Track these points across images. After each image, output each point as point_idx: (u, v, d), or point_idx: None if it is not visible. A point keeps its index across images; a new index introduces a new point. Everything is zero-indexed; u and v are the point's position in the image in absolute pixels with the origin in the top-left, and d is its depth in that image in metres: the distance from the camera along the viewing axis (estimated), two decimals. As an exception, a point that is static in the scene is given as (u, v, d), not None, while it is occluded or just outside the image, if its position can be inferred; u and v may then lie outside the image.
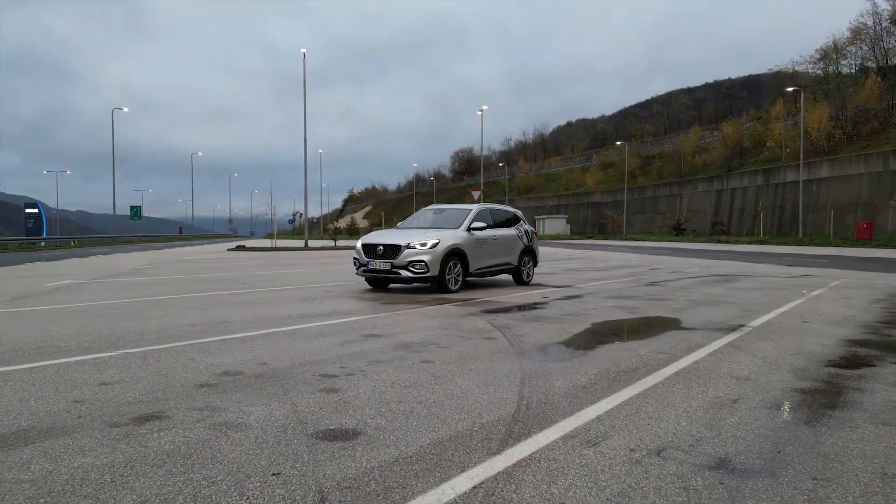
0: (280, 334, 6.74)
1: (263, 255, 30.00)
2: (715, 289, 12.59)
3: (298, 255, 30.27)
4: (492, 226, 12.60)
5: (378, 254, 11.19)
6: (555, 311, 8.84)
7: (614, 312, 8.79)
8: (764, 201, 57.04)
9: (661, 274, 16.98)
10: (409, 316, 8.23)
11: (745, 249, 38.49)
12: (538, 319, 8.03)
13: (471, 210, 12.40)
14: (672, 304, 9.83)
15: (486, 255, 12.19)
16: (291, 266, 20.22)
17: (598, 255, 29.81)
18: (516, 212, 13.89)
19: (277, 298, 10.29)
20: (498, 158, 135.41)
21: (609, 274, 16.86)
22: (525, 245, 13.45)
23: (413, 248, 10.93)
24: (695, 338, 6.75)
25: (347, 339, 6.49)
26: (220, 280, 14.05)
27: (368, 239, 11.65)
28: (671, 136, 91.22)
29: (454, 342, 6.34)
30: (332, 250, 36.39)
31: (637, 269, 18.76)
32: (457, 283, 11.42)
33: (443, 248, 11.08)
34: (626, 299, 10.52)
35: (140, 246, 50.26)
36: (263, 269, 18.61)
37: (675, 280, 14.87)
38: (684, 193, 69.86)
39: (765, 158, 64.60)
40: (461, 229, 11.78)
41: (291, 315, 8.21)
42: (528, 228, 13.77)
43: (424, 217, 13.18)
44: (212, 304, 9.35)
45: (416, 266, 10.86)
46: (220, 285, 12.59)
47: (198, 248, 44.58)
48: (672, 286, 13.13)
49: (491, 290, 12.14)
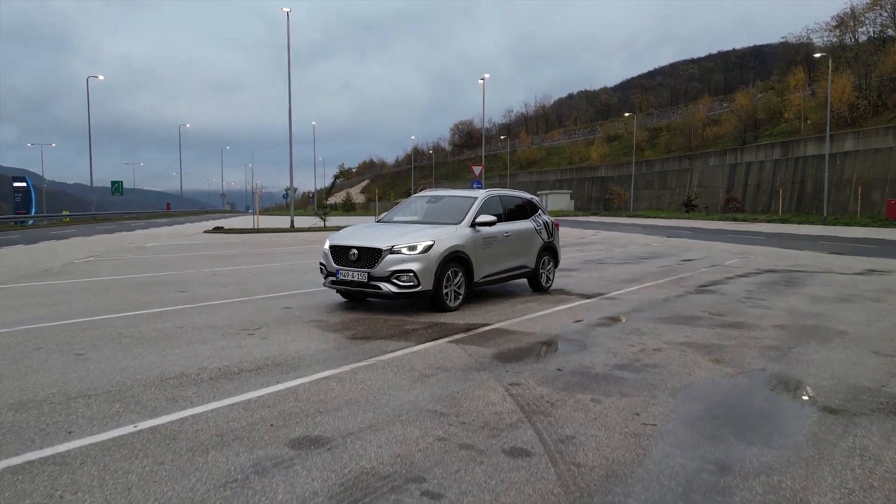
0: (132, 447, 3.84)
1: (240, 239, 27.07)
2: (790, 299, 9.68)
3: (280, 238, 27.31)
4: (502, 218, 9.66)
5: (351, 259, 8.26)
6: (602, 357, 5.95)
7: (691, 360, 5.90)
8: (782, 176, 53.87)
9: (701, 269, 14.06)
10: (382, 376, 5.33)
11: (768, 230, 35.54)
12: (585, 382, 5.14)
13: (475, 198, 9.43)
14: (760, 338, 6.93)
15: (496, 257, 9.27)
16: (262, 257, 17.28)
17: (612, 238, 26.86)
18: (532, 198, 10.92)
19: (208, 325, 7.39)
20: (499, 131, 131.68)
21: (640, 270, 13.94)
22: (545, 242, 10.52)
23: (398, 254, 8.00)
24: (873, 446, 3.86)
25: (254, 461, 3.59)
26: (155, 285, 11.14)
27: (339, 239, 8.69)
28: (679, 107, 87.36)
29: (453, 472, 3.45)
30: (321, 231, 33.44)
31: (668, 262, 15.84)
32: (457, 299, 8.52)
33: (438, 253, 8.15)
34: (690, 325, 7.62)
35: (117, 225, 47.35)
36: (226, 263, 15.67)
37: (727, 281, 11.96)
38: (695, 168, 66.57)
39: (782, 131, 61.20)
40: (463, 224, 8.83)
41: (201, 374, 5.30)
42: (547, 219, 10.81)
43: (416, 206, 10.20)
44: (104, 342, 6.45)
45: (401, 278, 7.95)
46: (149, 297, 9.68)
47: (175, 228, 41.67)
48: (731, 294, 10.22)
49: (500, 303, 9.24)
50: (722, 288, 11.20)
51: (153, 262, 15.57)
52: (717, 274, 13.55)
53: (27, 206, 64.50)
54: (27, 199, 64.29)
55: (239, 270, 13.62)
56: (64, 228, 40.18)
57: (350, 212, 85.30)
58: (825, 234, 30.44)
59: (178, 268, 14.04)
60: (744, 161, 59.58)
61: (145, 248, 20.27)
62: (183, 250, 19.64)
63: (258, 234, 30.75)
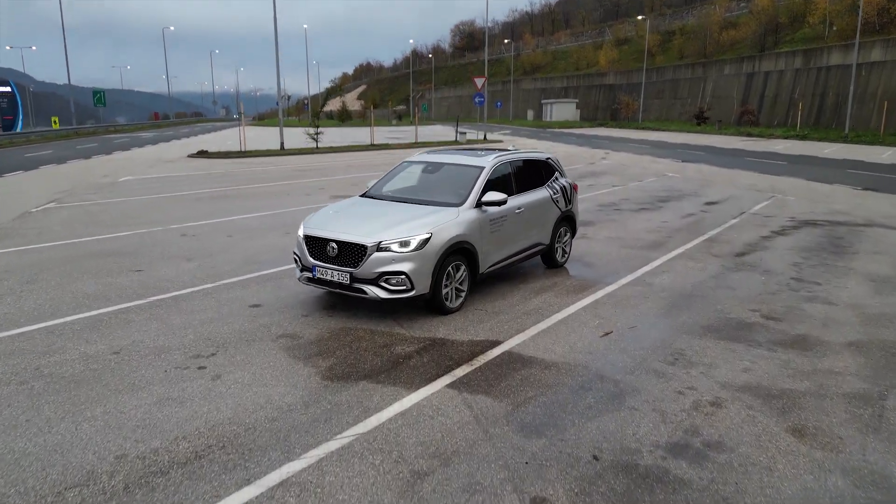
0: None
1: (223, 168, 25.27)
2: (849, 284, 8.23)
3: (267, 167, 25.48)
4: (513, 189, 8.03)
5: (330, 255, 6.72)
6: (648, 425, 4.57)
7: (763, 430, 4.53)
8: (802, 88, 50.85)
9: (730, 220, 12.49)
10: (360, 481, 3.98)
11: (787, 149, 33.54)
12: (630, 491, 3.78)
13: (481, 168, 7.73)
14: (838, 371, 5.54)
15: (505, 239, 7.73)
16: (242, 201, 15.69)
17: (623, 165, 25.02)
18: (548, 157, 9.20)
19: (153, 348, 5.98)
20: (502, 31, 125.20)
21: (663, 224, 12.38)
22: (562, 212, 8.93)
23: (387, 251, 6.46)
24: None
25: None
26: (109, 260, 9.70)
27: (315, 227, 7.06)
28: (694, 7, 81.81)
29: None
30: (313, 155, 31.47)
31: (690, 206, 14.24)
32: (458, 297, 7.07)
33: (436, 247, 6.62)
34: (746, 346, 6.22)
35: (99, 142, 45.22)
36: (201, 211, 14.11)
37: (765, 245, 10.46)
38: (709, 76, 63.08)
39: (804, 37, 57.34)
40: (466, 206, 7.22)
41: (115, 476, 3.94)
42: (565, 183, 9.16)
43: (407, 176, 8.48)
44: None
45: (391, 281, 6.46)
46: (95, 285, 8.24)
47: (159, 148, 39.65)
48: (777, 272, 8.76)
49: (509, 294, 7.81)
50: (763, 258, 9.73)
51: (118, 211, 13.98)
52: (751, 230, 12.03)
53: (13, 112, 61.41)
54: (12, 104, 61.16)
55: (213, 227, 12.08)
56: (41, 147, 38.15)
57: (346, 122, 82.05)
58: (850, 158, 28.56)
59: (144, 222, 12.49)
60: (761, 70, 56.24)
61: (116, 186, 18.57)
62: (157, 188, 17.97)
63: (244, 158, 28.84)
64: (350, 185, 18.67)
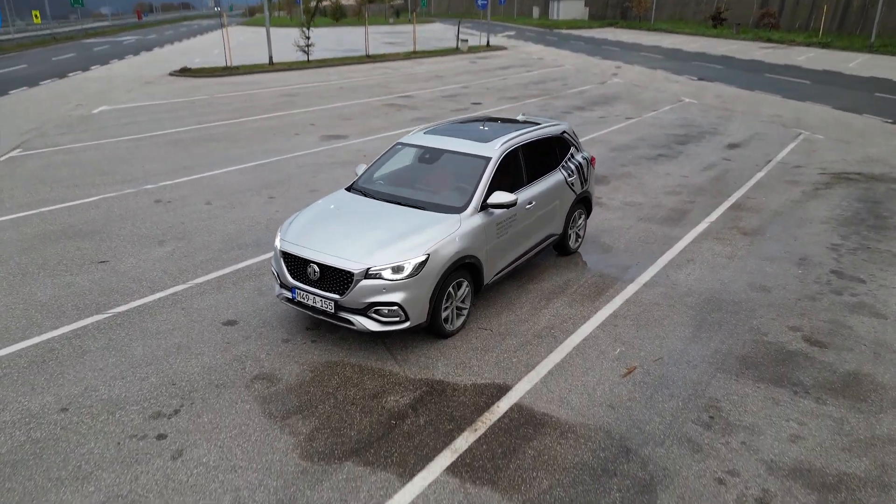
0: None
1: (206, 91, 23.58)
2: (900, 285, 7.33)
3: (254, 88, 23.75)
4: (524, 179, 6.96)
5: (312, 278, 5.78)
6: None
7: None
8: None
9: (756, 175, 11.36)
10: None
11: (809, 61, 31.41)
12: None
13: (487, 159, 6.58)
14: (903, 440, 4.78)
15: (514, 241, 6.76)
16: (221, 149, 14.45)
17: (636, 86, 23.26)
18: (563, 131, 7.97)
19: (100, 404, 5.19)
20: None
21: (683, 179, 11.28)
22: (577, 194, 7.87)
23: (378, 279, 5.51)
24: None
25: None
26: (69, 243, 8.74)
27: (293, 241, 5.99)
28: None
29: None
30: (304, 70, 29.46)
31: (711, 154, 13.03)
32: (460, 317, 6.21)
33: (435, 269, 5.66)
34: (790, 392, 5.42)
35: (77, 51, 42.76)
36: (179, 160, 12.94)
37: (802, 216, 9.46)
38: (728, -29, 58.60)
39: (834, -73, 52.65)
40: (470, 209, 6.17)
41: None
42: (581, 160, 8.03)
43: (401, 163, 7.31)
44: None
45: (382, 311, 5.57)
46: (45, 292, 7.35)
47: (139, 61, 37.36)
48: (817, 264, 7.83)
49: (515, 307, 6.93)
50: (798, 238, 8.76)
51: (89, 162, 12.79)
52: (780, 190, 10.98)
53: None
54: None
55: (191, 188, 11.00)
56: (16, 59, 35.89)
57: (340, 21, 77.47)
58: (878, 77, 26.68)
59: (116, 181, 11.39)
60: (786, -34, 52.16)
61: (90, 121, 17.16)
62: (135, 126, 16.59)
63: (229, 77, 26.96)
64: (341, 120, 17.27)
